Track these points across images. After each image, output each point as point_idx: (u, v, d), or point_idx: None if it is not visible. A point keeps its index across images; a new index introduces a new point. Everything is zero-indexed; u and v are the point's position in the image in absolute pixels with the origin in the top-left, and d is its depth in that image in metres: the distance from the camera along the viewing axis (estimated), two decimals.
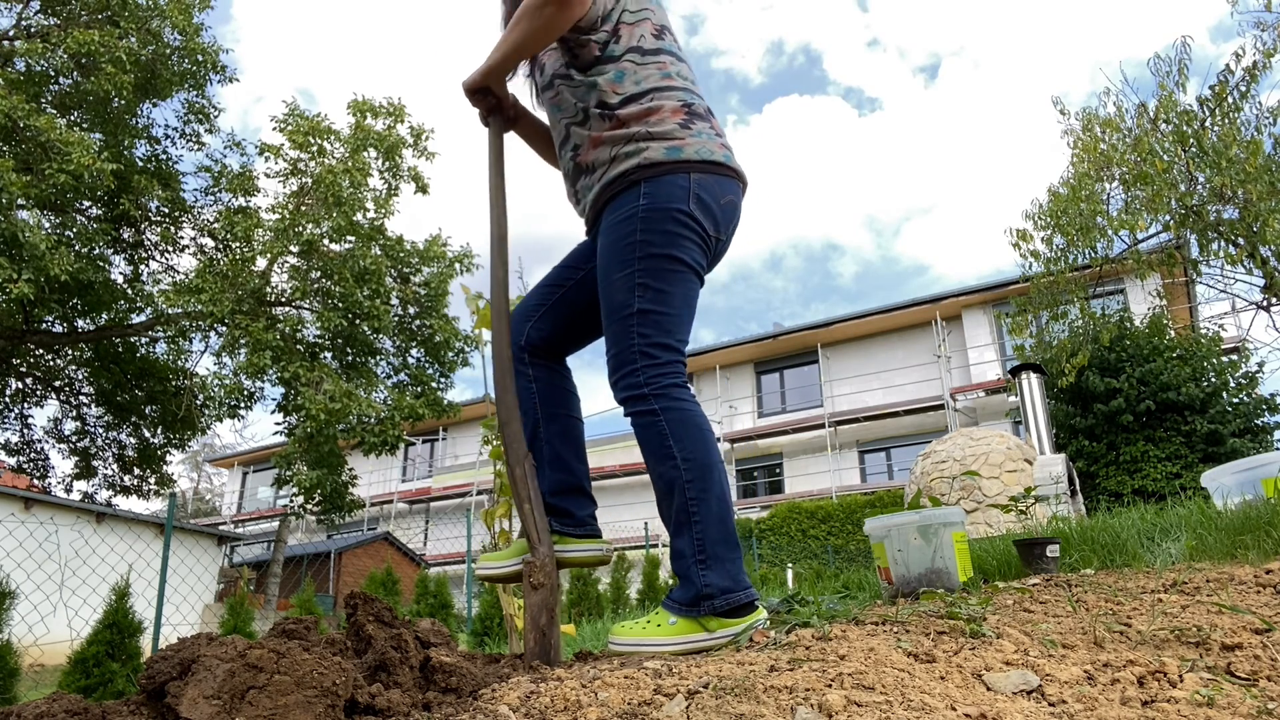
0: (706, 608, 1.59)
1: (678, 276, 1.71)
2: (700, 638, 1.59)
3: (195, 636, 1.18)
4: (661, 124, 1.72)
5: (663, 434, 1.64)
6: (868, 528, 2.52)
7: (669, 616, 1.62)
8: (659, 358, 1.68)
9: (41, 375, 14.12)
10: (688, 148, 1.71)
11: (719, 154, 1.76)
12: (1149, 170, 7.92)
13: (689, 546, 1.61)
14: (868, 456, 20.85)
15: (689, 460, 1.62)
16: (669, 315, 1.71)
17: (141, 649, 4.67)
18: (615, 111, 1.75)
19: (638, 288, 1.68)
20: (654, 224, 1.68)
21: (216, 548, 16.14)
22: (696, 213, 1.69)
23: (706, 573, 1.60)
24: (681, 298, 1.73)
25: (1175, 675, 1.22)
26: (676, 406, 1.66)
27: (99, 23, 11.31)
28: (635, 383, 1.68)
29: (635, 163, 1.70)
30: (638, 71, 1.77)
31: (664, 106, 1.75)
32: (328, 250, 12.51)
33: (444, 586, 7.00)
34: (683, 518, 1.62)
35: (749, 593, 1.62)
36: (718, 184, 1.74)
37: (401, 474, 26.62)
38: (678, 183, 1.69)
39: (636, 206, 1.69)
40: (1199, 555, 2.54)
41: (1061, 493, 7.53)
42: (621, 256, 1.70)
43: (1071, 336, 9.93)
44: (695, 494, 1.61)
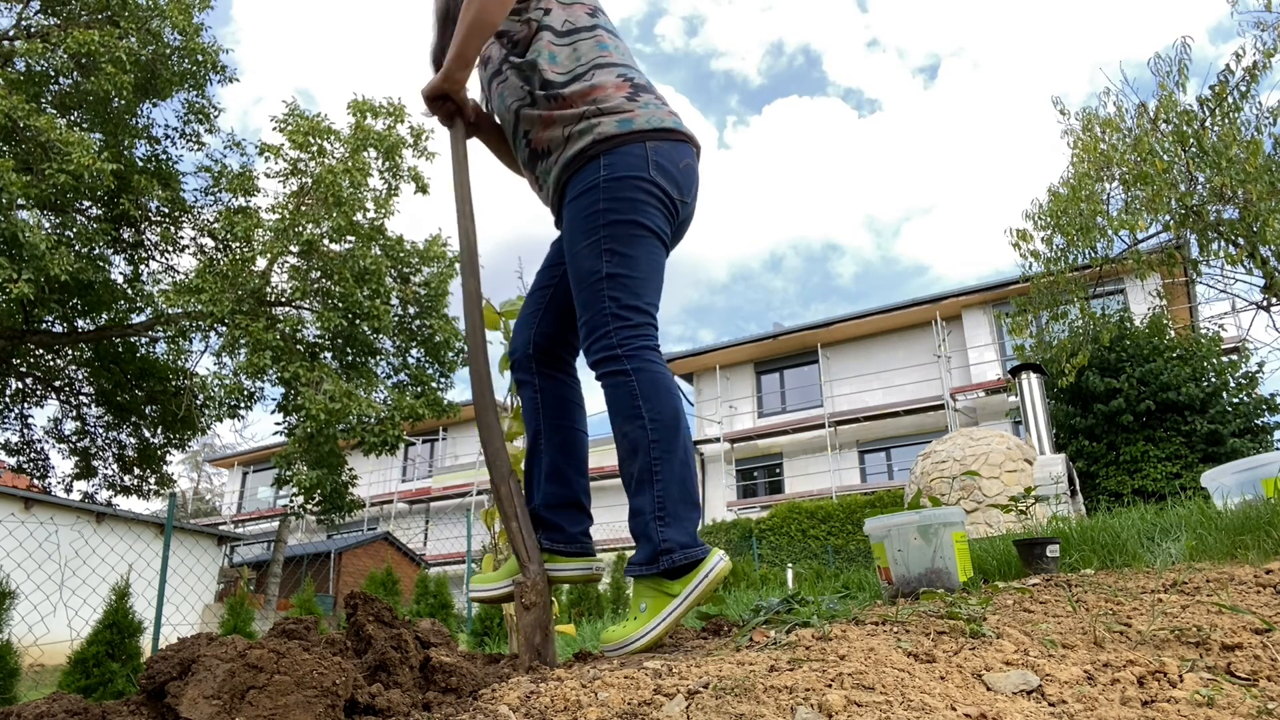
0: (665, 562, 1.60)
1: (643, 241, 1.73)
2: (671, 607, 1.60)
3: (195, 636, 1.18)
4: (608, 100, 1.75)
5: (633, 394, 1.65)
6: (868, 528, 2.52)
7: (639, 602, 1.64)
8: (630, 319, 1.70)
9: (41, 375, 14.11)
10: (638, 118, 1.74)
11: (669, 120, 1.79)
12: (1149, 170, 7.92)
13: (649, 504, 1.63)
14: (868, 456, 20.84)
15: (656, 421, 1.64)
16: (637, 278, 1.72)
17: (141, 649, 4.68)
18: (560, 91, 1.77)
19: (604, 254, 1.70)
20: (616, 192, 1.70)
21: (216, 548, 16.14)
22: (658, 178, 1.73)
23: (664, 529, 1.61)
24: (648, 262, 1.74)
25: (1175, 675, 1.22)
26: (648, 368, 1.67)
27: (99, 23, 11.31)
28: (609, 344, 1.69)
29: (590, 139, 1.73)
30: (576, 49, 1.80)
31: (606, 83, 1.77)
32: (328, 250, 12.51)
33: (444, 586, 6.99)
34: (645, 476, 1.63)
35: (704, 548, 1.64)
36: (673, 149, 1.77)
37: (401, 474, 26.62)
38: (634, 152, 1.72)
39: (598, 177, 1.72)
40: (1199, 555, 2.54)
41: (1061, 493, 7.53)
42: (586, 226, 1.73)
43: (1071, 336, 9.93)
44: (659, 454, 1.63)
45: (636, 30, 76.96)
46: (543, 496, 1.86)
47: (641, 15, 79.50)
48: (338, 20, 66.53)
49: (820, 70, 69.91)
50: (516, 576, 1.72)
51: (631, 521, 1.66)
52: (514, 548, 1.75)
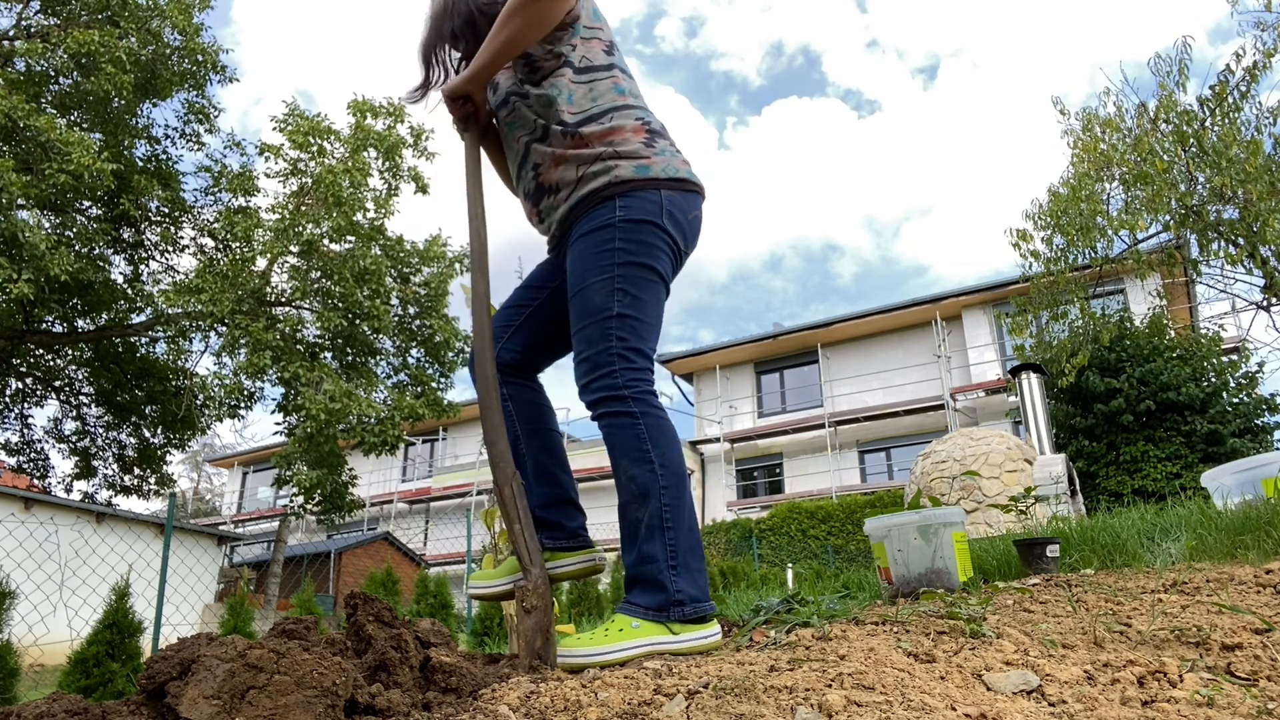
0: (676, 614, 1.58)
1: (652, 287, 1.73)
2: (665, 640, 1.57)
3: (195, 636, 1.18)
4: (626, 143, 1.75)
5: (641, 437, 1.63)
6: (868, 528, 2.52)
7: (631, 620, 1.58)
8: (636, 362, 1.69)
9: (41, 375, 14.11)
10: (654, 166, 1.75)
11: (683, 170, 1.80)
12: (1149, 170, 7.92)
13: (662, 552, 1.60)
14: (868, 456, 20.84)
15: (666, 467, 1.62)
16: (645, 323, 1.72)
17: (141, 649, 4.67)
18: (578, 130, 1.77)
19: (617, 293, 1.69)
20: (631, 234, 1.70)
21: (216, 548, 16.14)
22: (669, 227, 1.74)
23: (678, 579, 1.58)
24: (654, 307, 1.75)
25: (1175, 675, 1.22)
26: (654, 413, 1.66)
27: (99, 23, 11.31)
28: (613, 384, 1.67)
29: (606, 180, 1.72)
30: (593, 88, 1.79)
31: (625, 126, 1.77)
32: (328, 250, 12.50)
33: (444, 586, 6.99)
34: (656, 523, 1.61)
35: (711, 605, 1.63)
36: (685, 199, 1.78)
37: (401, 474, 26.61)
38: (650, 198, 1.72)
39: (614, 217, 1.71)
40: (1199, 555, 2.54)
41: (1061, 493, 7.53)
42: (600, 262, 1.71)
43: (1071, 336, 9.92)
44: (670, 500, 1.61)
45: (636, 31, 77.03)
46: (536, 499, 1.86)
47: (641, 16, 79.58)
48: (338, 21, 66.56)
49: (820, 71, 69.96)
50: (518, 579, 1.71)
51: (639, 566, 1.62)
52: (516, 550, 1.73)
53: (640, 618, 1.58)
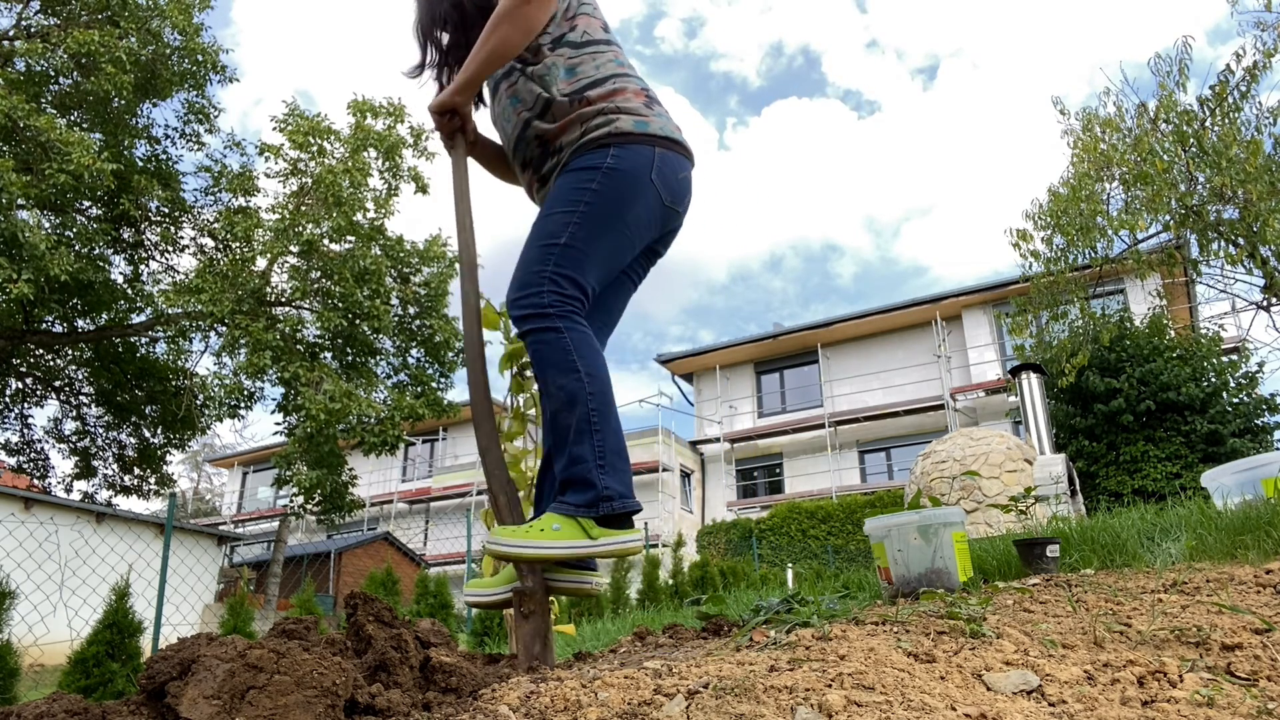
0: (605, 508, 1.62)
1: (617, 232, 1.77)
2: (583, 543, 1.61)
3: (195, 636, 1.18)
4: (628, 102, 1.81)
5: (567, 349, 1.67)
6: (868, 528, 2.52)
7: (554, 521, 1.63)
8: (565, 289, 1.71)
9: (41, 375, 14.11)
10: (652, 123, 1.80)
11: (677, 134, 1.86)
12: (1149, 170, 7.92)
13: (590, 453, 1.65)
14: (868, 456, 20.84)
15: (592, 376, 1.67)
16: (591, 257, 1.74)
17: (141, 649, 4.67)
18: (583, 94, 1.82)
19: (572, 225, 1.72)
20: (615, 179, 1.74)
21: (216, 548, 16.13)
22: (657, 181, 1.78)
23: (605, 476, 1.63)
24: (611, 251, 1.78)
25: (1175, 675, 1.22)
26: (578, 328, 1.70)
27: (99, 23, 11.31)
28: (540, 303, 1.70)
29: (607, 130, 1.77)
30: (595, 59, 1.85)
31: (628, 89, 1.84)
32: (328, 250, 12.50)
33: (444, 586, 6.98)
34: (584, 426, 1.65)
35: (636, 502, 1.68)
36: (676, 160, 1.83)
37: (401, 474, 26.61)
38: (643, 153, 1.77)
39: (603, 161, 1.75)
40: (1199, 555, 2.54)
41: (1061, 493, 7.53)
42: (570, 196, 1.75)
43: (1071, 336, 9.92)
44: (598, 405, 1.66)
45: (637, 32, 76.98)
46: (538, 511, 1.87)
47: (641, 17, 79.53)
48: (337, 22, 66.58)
49: (820, 72, 69.98)
50: (515, 585, 1.73)
51: (569, 468, 1.66)
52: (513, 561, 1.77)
53: (568, 515, 1.63)
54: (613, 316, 2.04)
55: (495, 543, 1.63)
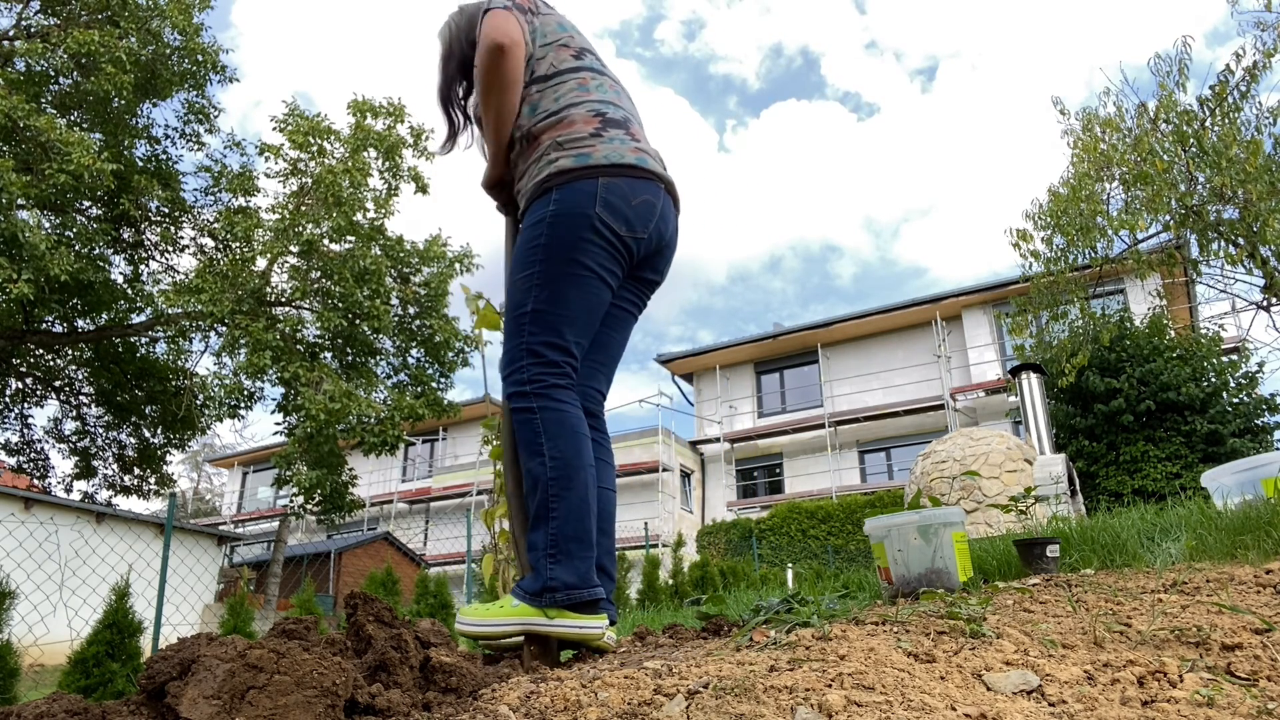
0: (548, 599, 1.63)
1: (578, 280, 1.74)
2: (538, 621, 1.64)
3: (195, 636, 1.18)
4: (571, 133, 1.77)
5: (536, 431, 1.68)
6: (868, 528, 2.52)
7: (513, 600, 1.67)
8: (545, 356, 1.72)
9: (41, 375, 14.11)
10: (596, 154, 1.75)
11: (630, 157, 1.78)
12: (1149, 170, 7.92)
13: (542, 540, 1.66)
14: (868, 456, 20.84)
15: (556, 459, 1.67)
16: (562, 316, 1.74)
17: (141, 649, 4.67)
18: (530, 131, 1.82)
19: (534, 289, 1.73)
20: (559, 228, 1.72)
21: (216, 548, 16.14)
22: (604, 215, 1.72)
23: (555, 567, 1.64)
24: (580, 301, 1.75)
25: (1175, 675, 1.22)
26: (554, 407, 1.70)
27: (99, 23, 11.31)
28: (520, 379, 1.72)
29: (548, 172, 1.75)
30: (557, 90, 1.83)
31: (575, 117, 1.79)
32: (328, 250, 12.50)
33: (444, 586, 6.98)
34: (541, 512, 1.66)
35: (593, 591, 1.67)
36: (629, 186, 1.76)
37: (401, 474, 26.61)
38: (584, 189, 1.72)
39: (545, 212, 1.74)
40: (1199, 555, 2.54)
41: (1061, 493, 7.53)
42: (525, 258, 1.75)
43: (1071, 336, 9.92)
44: (556, 491, 1.66)
45: (637, 34, 76.91)
46: None
47: (641, 19, 79.47)
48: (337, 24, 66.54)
49: (819, 74, 69.94)
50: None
51: (527, 553, 1.70)
52: None
53: (521, 600, 1.66)
54: (612, 353, 2.01)
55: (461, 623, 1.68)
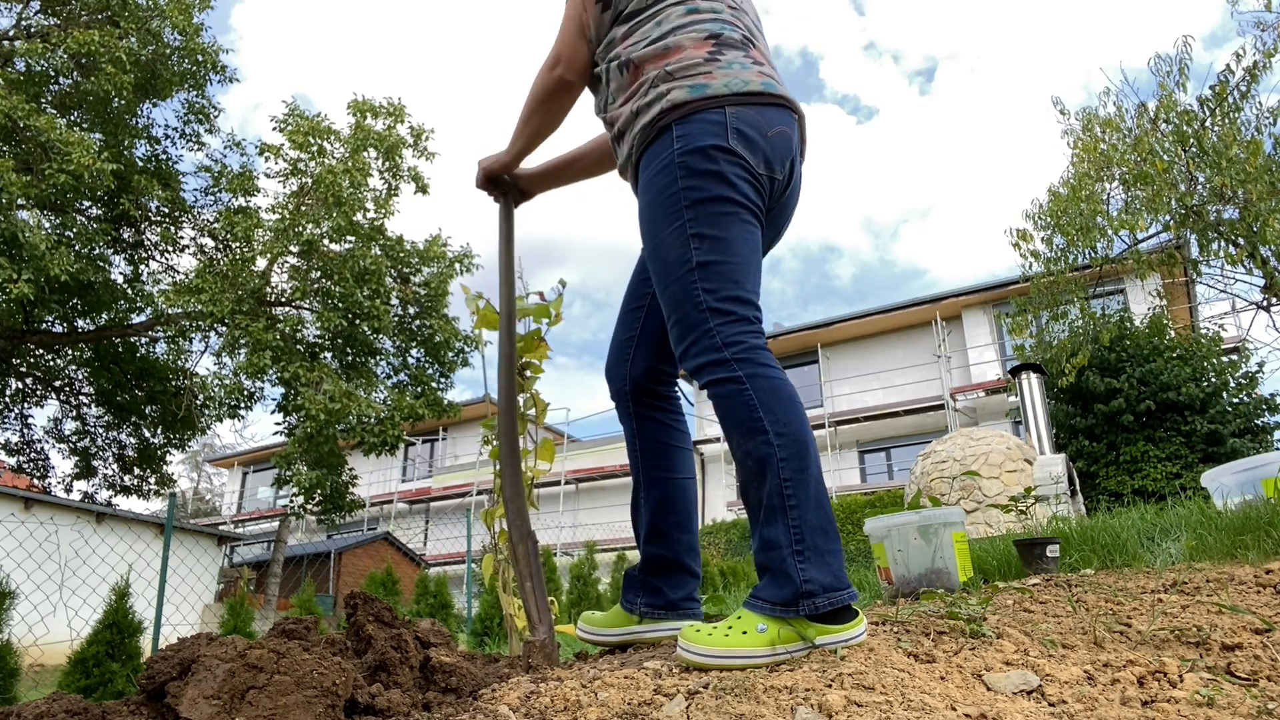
0: (807, 607, 1.32)
1: (735, 220, 1.48)
2: (798, 648, 1.32)
3: (195, 636, 1.18)
4: (682, 61, 1.53)
5: (750, 404, 1.40)
6: (868, 528, 2.52)
7: (757, 621, 1.34)
8: (735, 312, 1.45)
9: (41, 375, 14.11)
10: (715, 81, 1.50)
11: (756, 82, 1.53)
12: (1149, 170, 7.92)
13: (784, 535, 1.36)
14: (868, 456, 20.84)
15: (783, 435, 1.39)
16: (735, 264, 1.47)
17: (141, 649, 4.67)
18: (631, 60, 1.58)
19: (692, 239, 1.46)
20: (696, 164, 1.47)
21: (216, 548, 16.14)
22: (739, 148, 1.47)
23: (806, 566, 1.34)
24: (744, 243, 1.49)
25: (1175, 675, 1.22)
26: (764, 373, 1.42)
27: (99, 23, 11.31)
28: (712, 345, 1.43)
29: (660, 107, 1.51)
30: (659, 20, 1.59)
31: (684, 43, 1.55)
32: (328, 250, 12.51)
33: (444, 586, 6.99)
34: (776, 502, 1.37)
35: (851, 592, 1.36)
36: (760, 115, 1.51)
37: (401, 474, 26.61)
38: (712, 119, 1.48)
39: (671, 152, 1.49)
40: (1199, 555, 2.54)
41: (1061, 493, 7.53)
42: (667, 210, 1.49)
43: (1071, 336, 9.92)
44: (791, 474, 1.38)
45: None
46: (643, 559, 1.75)
47: None
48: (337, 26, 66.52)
49: (818, 76, 69.93)
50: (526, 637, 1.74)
51: (761, 554, 1.39)
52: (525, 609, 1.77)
53: (766, 615, 1.34)
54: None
55: (687, 649, 1.32)
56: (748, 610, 1.37)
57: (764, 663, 1.30)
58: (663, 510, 1.74)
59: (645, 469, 1.75)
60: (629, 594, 1.78)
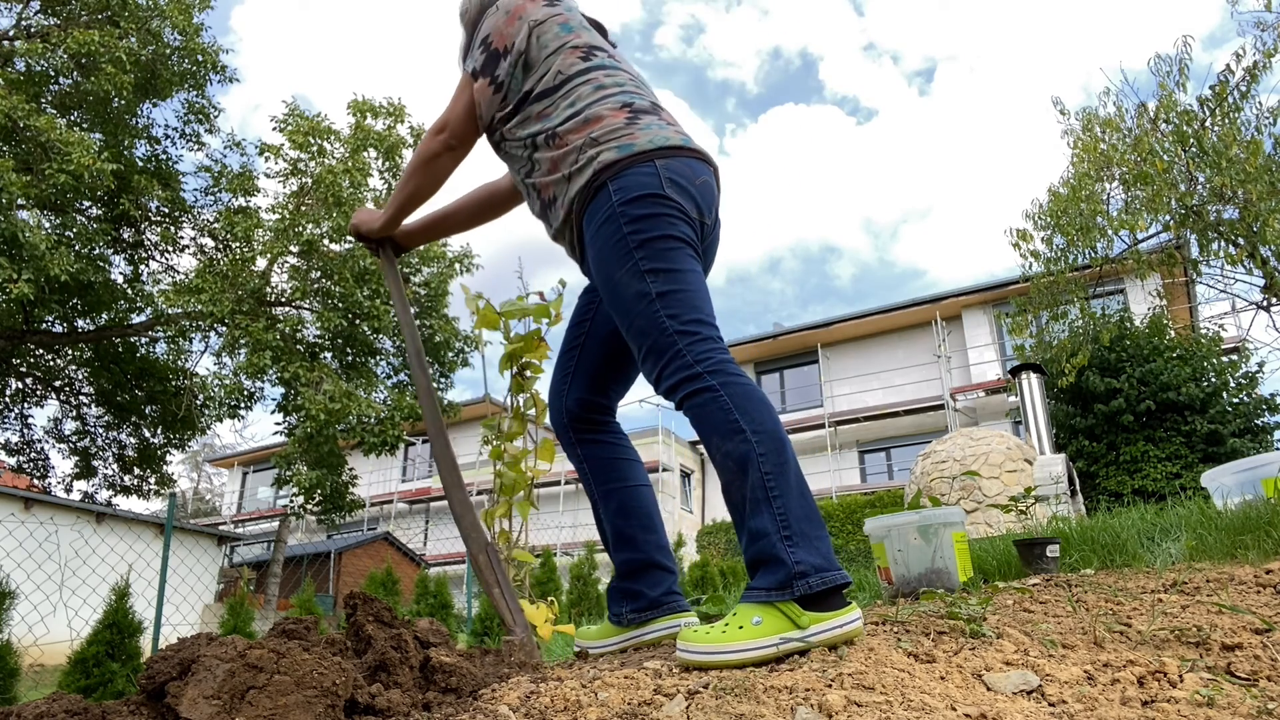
0: (801, 587, 1.36)
1: (681, 253, 1.58)
2: (792, 635, 1.35)
3: (195, 636, 1.18)
4: (605, 127, 1.64)
5: (726, 409, 1.47)
6: (868, 528, 2.52)
7: (753, 614, 1.38)
8: (699, 333, 1.53)
9: (41, 375, 14.11)
10: (639, 140, 1.62)
11: (676, 139, 1.65)
12: (1149, 170, 7.92)
13: (771, 524, 1.40)
14: (868, 456, 20.84)
15: (760, 433, 1.45)
16: (690, 291, 1.56)
17: (141, 649, 4.67)
18: (555, 132, 1.68)
19: (646, 275, 1.55)
20: (634, 212, 1.57)
21: (216, 548, 16.14)
22: (674, 195, 1.59)
23: (795, 549, 1.38)
24: (694, 273, 1.59)
25: (1175, 675, 1.22)
26: (736, 381, 1.50)
27: (99, 23, 11.31)
28: (684, 363, 1.51)
29: (592, 169, 1.61)
30: (569, 95, 1.70)
31: (603, 113, 1.66)
32: (328, 250, 12.51)
33: (444, 586, 6.99)
34: (760, 494, 1.42)
35: (842, 572, 1.39)
36: (686, 165, 1.63)
37: (401, 474, 26.61)
38: (644, 171, 1.59)
39: (611, 205, 1.59)
40: (1199, 555, 2.54)
41: (1061, 493, 7.53)
42: (618, 254, 1.58)
43: (1071, 336, 9.92)
44: (771, 468, 1.43)
45: (637, 39, 76.63)
46: (617, 568, 1.81)
47: (640, 24, 79.34)
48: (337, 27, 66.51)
49: (817, 78, 69.90)
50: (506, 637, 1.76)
51: (751, 547, 1.44)
52: (499, 612, 1.81)
53: (762, 604, 1.38)
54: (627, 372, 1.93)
55: (686, 649, 1.36)
56: (744, 605, 1.41)
57: (761, 654, 1.33)
58: (623, 517, 1.81)
59: (598, 486, 1.84)
60: (613, 607, 1.83)
